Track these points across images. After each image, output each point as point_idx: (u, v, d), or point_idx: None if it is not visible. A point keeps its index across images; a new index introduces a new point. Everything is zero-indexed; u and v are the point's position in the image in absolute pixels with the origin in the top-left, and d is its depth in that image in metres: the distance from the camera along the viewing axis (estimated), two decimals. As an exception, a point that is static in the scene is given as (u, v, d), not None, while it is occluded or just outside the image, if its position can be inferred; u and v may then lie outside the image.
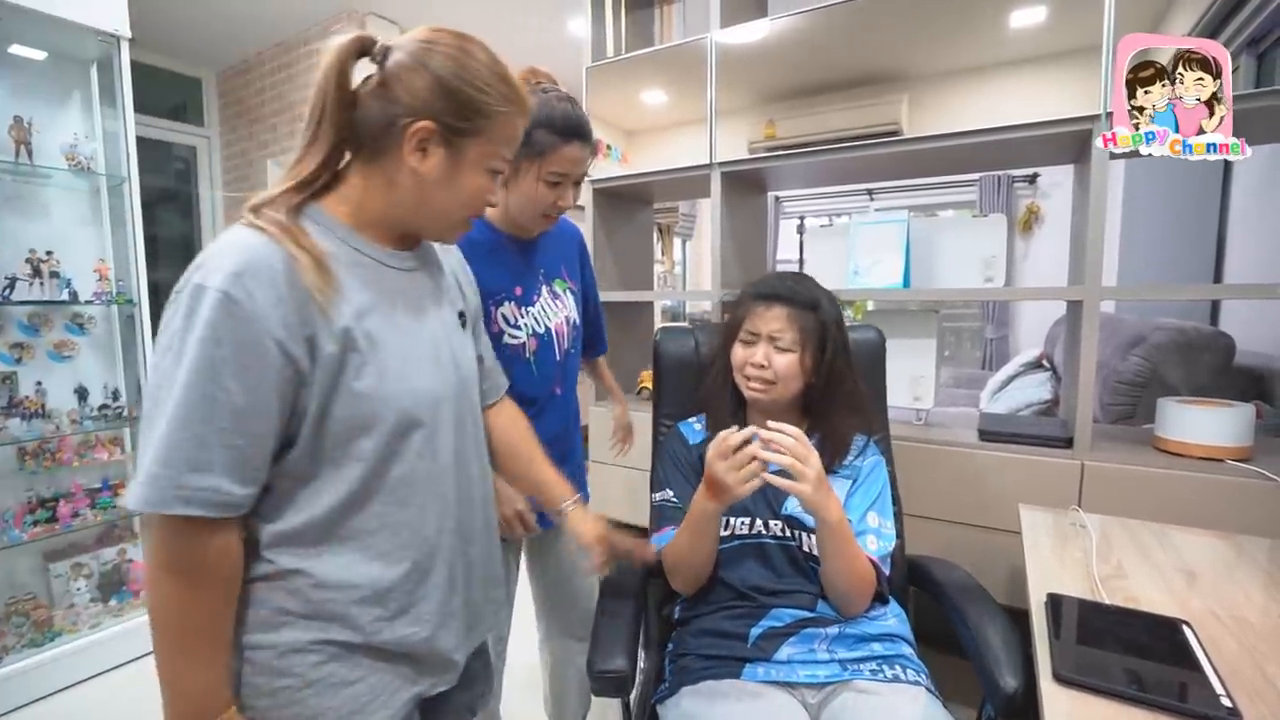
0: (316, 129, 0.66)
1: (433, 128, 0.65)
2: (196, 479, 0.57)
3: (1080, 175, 1.50)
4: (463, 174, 0.69)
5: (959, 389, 4.08)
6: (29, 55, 1.85)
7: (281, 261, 0.60)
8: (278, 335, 0.59)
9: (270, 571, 0.64)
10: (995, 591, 1.35)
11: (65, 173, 1.85)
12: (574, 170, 1.04)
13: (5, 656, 1.74)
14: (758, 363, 1.03)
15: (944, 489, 1.45)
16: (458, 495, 0.76)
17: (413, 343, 0.70)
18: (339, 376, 0.63)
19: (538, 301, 1.13)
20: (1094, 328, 1.30)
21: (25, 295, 1.79)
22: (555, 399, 1.17)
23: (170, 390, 0.57)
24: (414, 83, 0.65)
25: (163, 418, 0.57)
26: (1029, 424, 1.51)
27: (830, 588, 0.98)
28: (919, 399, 1.59)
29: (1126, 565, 0.91)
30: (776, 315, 1.04)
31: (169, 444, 0.56)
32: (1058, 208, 4.03)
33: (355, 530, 0.67)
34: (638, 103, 1.93)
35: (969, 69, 1.44)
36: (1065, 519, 1.11)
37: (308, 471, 0.65)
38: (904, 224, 1.59)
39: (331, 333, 0.62)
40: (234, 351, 0.57)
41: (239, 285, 0.57)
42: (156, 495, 0.56)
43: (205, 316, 0.57)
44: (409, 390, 0.68)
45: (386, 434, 0.67)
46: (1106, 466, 1.28)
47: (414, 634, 0.71)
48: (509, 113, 0.69)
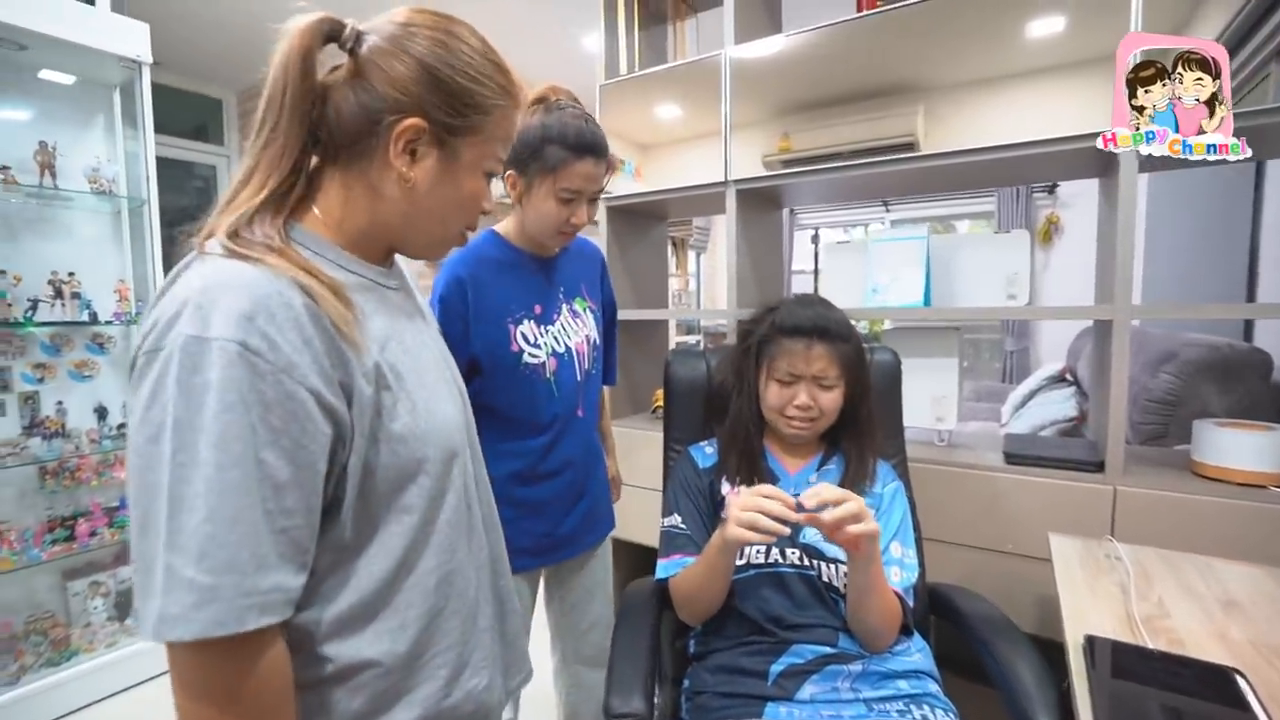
0: (275, 127, 0.54)
1: (423, 126, 0.56)
2: (262, 579, 0.46)
3: (1107, 189, 1.46)
4: (458, 178, 0.60)
5: (979, 403, 4.00)
6: (58, 79, 1.89)
7: (297, 294, 0.49)
8: (312, 385, 0.48)
9: (331, 672, 0.53)
10: (1022, 621, 1.30)
11: (87, 195, 1.88)
12: (588, 187, 1.03)
13: (24, 675, 1.75)
14: (804, 404, 1.00)
15: (967, 513, 1.40)
16: (486, 523, 0.71)
17: (428, 369, 0.63)
18: (377, 420, 0.54)
19: (558, 320, 1.12)
20: (1125, 348, 1.25)
21: (47, 316, 1.81)
22: (577, 421, 1.15)
23: (195, 479, 0.45)
24: (396, 72, 0.55)
25: (195, 515, 0.44)
26: (1056, 446, 1.46)
27: (859, 623, 0.95)
28: (941, 419, 1.55)
29: (1168, 602, 0.86)
30: (820, 355, 1.00)
31: (218, 544, 0.44)
32: (1078, 218, 3.97)
33: (410, 592, 0.58)
34: (652, 117, 1.92)
35: (986, 80, 1.41)
36: (1099, 549, 1.06)
37: (355, 540, 0.55)
38: (924, 241, 1.56)
39: (364, 370, 0.53)
40: (264, 414, 0.46)
41: (255, 331, 0.46)
42: (225, 611, 0.44)
43: (219, 376, 0.45)
44: (441, 422, 0.61)
45: (434, 476, 0.59)
46: (1141, 492, 1.23)
47: (477, 685, 0.64)
48: (506, 106, 0.61)
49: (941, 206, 4.62)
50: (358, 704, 0.55)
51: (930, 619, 1.15)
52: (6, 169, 1.73)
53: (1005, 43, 1.38)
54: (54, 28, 1.69)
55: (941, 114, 1.45)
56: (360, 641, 0.55)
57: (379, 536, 0.56)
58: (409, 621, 0.58)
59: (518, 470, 1.09)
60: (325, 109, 0.57)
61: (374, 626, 0.56)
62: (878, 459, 1.08)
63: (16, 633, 1.81)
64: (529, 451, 1.09)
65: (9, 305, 1.76)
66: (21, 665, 1.76)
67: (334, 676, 0.54)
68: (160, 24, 2.80)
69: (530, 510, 1.10)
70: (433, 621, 0.60)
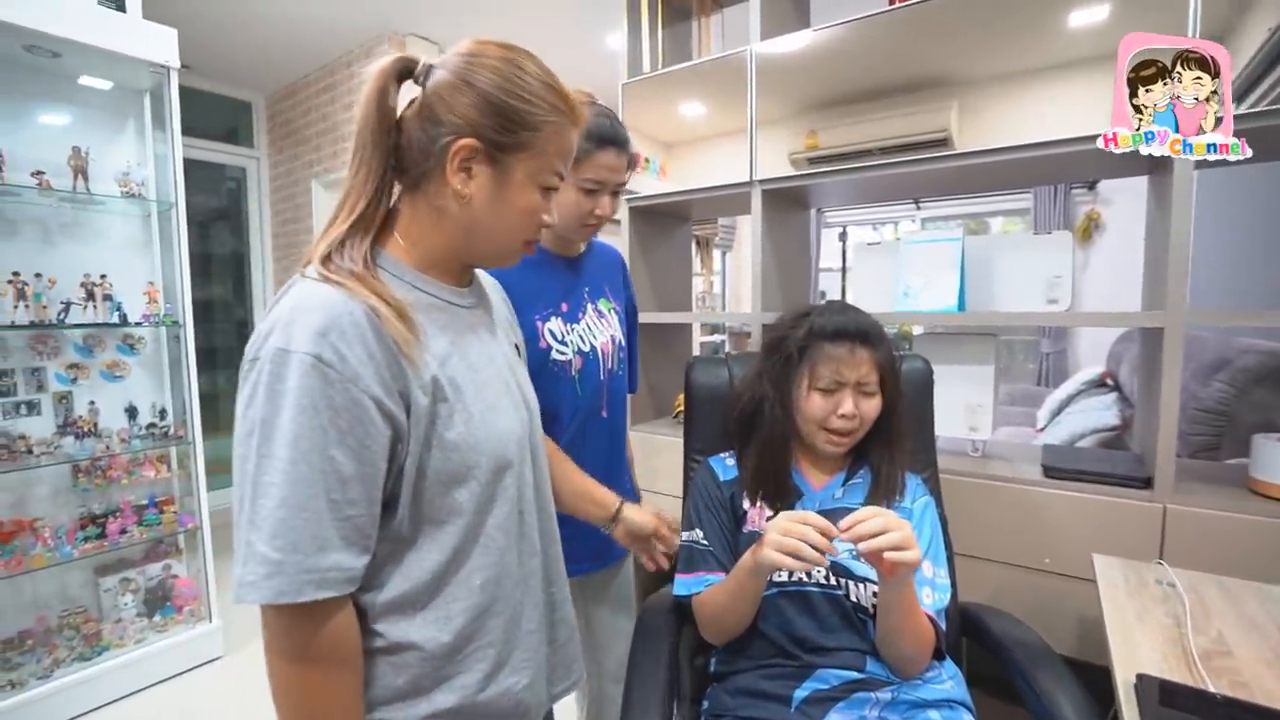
0: (361, 159, 0.62)
1: (475, 145, 0.61)
2: (322, 559, 0.54)
3: (1157, 187, 1.38)
4: (511, 193, 0.64)
5: (1013, 406, 3.87)
6: (95, 85, 1.93)
7: (364, 315, 0.56)
8: (375, 394, 0.56)
9: (381, 646, 0.61)
10: (1061, 643, 1.24)
11: (118, 199, 1.91)
12: (610, 178, 1.03)
13: (56, 669, 1.79)
14: (849, 414, 0.95)
15: (1003, 529, 1.34)
16: (542, 531, 0.74)
17: (489, 384, 0.68)
18: (431, 428, 0.61)
19: (583, 319, 1.11)
20: (1177, 358, 1.17)
21: (79, 318, 1.85)
22: (601, 422, 1.13)
23: (272, 470, 0.53)
24: (456, 101, 0.61)
25: (270, 500, 0.53)
26: (1099, 459, 1.38)
27: (889, 647, 0.90)
28: (975, 429, 1.48)
29: (1229, 637, 0.80)
30: (863, 359, 0.96)
31: (287, 527, 0.53)
32: (1121, 215, 3.81)
33: (458, 587, 0.64)
34: (676, 115, 1.88)
35: (1024, 72, 1.34)
36: (1148, 574, 0.99)
37: (409, 534, 0.62)
38: (958, 243, 1.49)
39: (422, 384, 0.60)
40: (333, 418, 0.54)
41: (327, 346, 0.54)
42: (288, 584, 0.52)
43: (296, 384, 0.53)
44: (496, 434, 0.66)
45: (482, 483, 0.64)
46: (1193, 512, 1.15)
47: (515, 683, 0.68)
48: (558, 123, 0.65)
49: (974, 204, 4.48)
50: (401, 681, 0.61)
51: (962, 641, 1.10)
52: (41, 174, 1.77)
53: (1044, 34, 1.30)
54: (86, 34, 1.72)
55: (977, 109, 1.39)
56: (409, 626, 0.61)
57: (431, 533, 0.62)
58: (454, 614, 0.63)
59: None
60: (401, 140, 0.63)
61: (422, 615, 0.62)
62: (906, 472, 1.03)
63: (51, 627, 1.86)
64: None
65: (44, 307, 1.80)
66: (55, 659, 1.80)
67: (382, 651, 0.61)
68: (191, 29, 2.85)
69: None
70: (476, 618, 0.64)
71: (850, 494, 1.01)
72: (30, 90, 1.82)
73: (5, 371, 1.80)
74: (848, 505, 0.98)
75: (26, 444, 1.77)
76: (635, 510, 1.02)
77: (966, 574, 1.28)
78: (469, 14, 3.00)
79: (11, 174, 1.73)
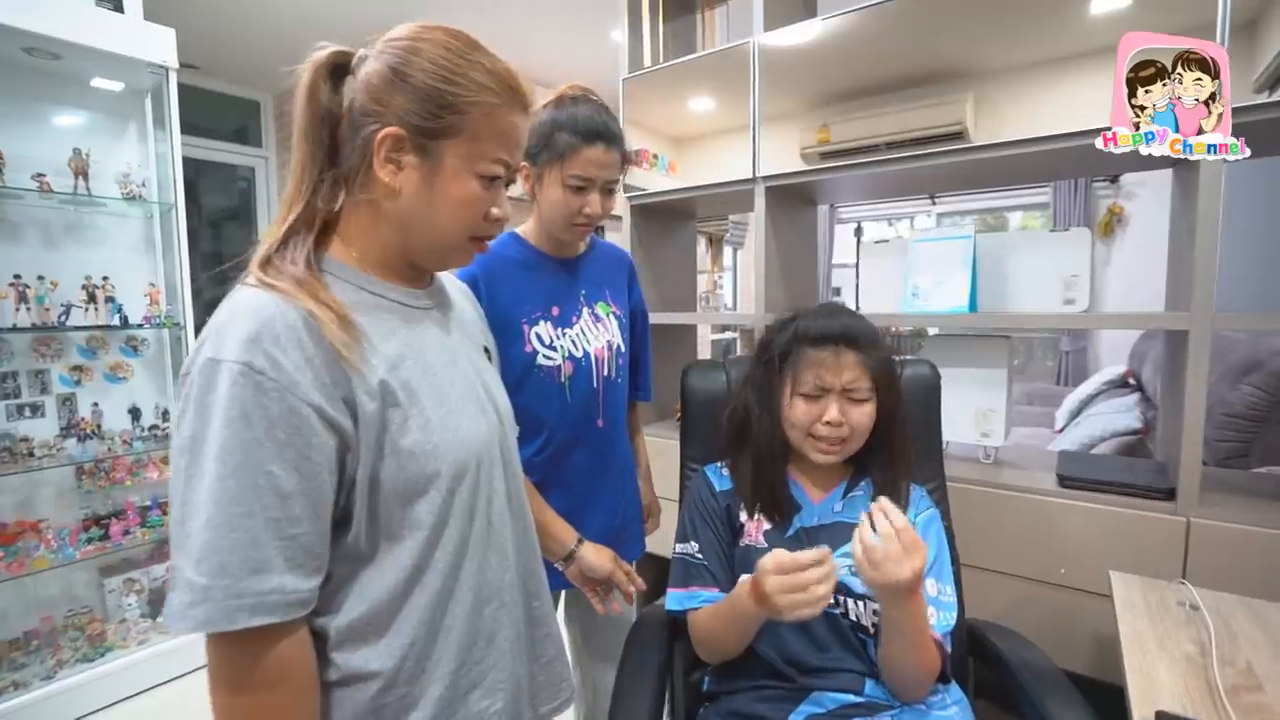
0: (297, 159, 0.60)
1: (399, 133, 0.57)
2: (258, 582, 0.49)
3: (1183, 182, 1.31)
4: (443, 183, 0.60)
5: (1030, 406, 3.78)
6: (96, 86, 1.92)
7: (300, 319, 0.53)
8: (314, 401, 0.52)
9: (337, 678, 0.57)
10: (1075, 660, 1.18)
11: (119, 200, 1.91)
12: (599, 175, 0.98)
13: (60, 670, 1.80)
14: (835, 420, 0.89)
15: (1014, 540, 1.28)
16: (516, 543, 0.70)
17: (450, 387, 0.64)
18: (383, 436, 0.57)
19: (576, 323, 1.07)
20: (1203, 362, 1.11)
21: (80, 320, 1.85)
22: (596, 432, 1.09)
23: (201, 489, 0.49)
24: (380, 89, 0.58)
25: (197, 521, 0.49)
26: (1119, 468, 1.32)
27: (891, 670, 0.85)
28: (987, 435, 1.42)
29: (1259, 669, 0.74)
30: (850, 364, 0.90)
31: (213, 549, 0.49)
32: (1144, 209, 3.69)
33: (419, 606, 0.59)
34: (684, 110, 1.83)
35: (1042, 62, 1.27)
36: (1170, 594, 0.93)
37: (367, 551, 0.58)
38: (969, 240, 1.43)
39: (368, 389, 0.56)
40: (268, 429, 0.50)
41: (259, 352, 0.50)
42: (216, 611, 0.48)
43: (225, 395, 0.49)
44: (457, 440, 0.62)
45: (443, 492, 0.60)
46: (1219, 526, 1.08)
47: (488, 707, 0.64)
48: (490, 104, 0.60)
49: (992, 198, 4.37)
50: (363, 713, 0.57)
51: (969, 662, 1.05)
52: (42, 176, 1.76)
53: (1064, 21, 1.24)
54: (84, 36, 1.71)
55: (993, 100, 1.33)
56: (370, 652, 0.57)
57: (390, 549, 0.58)
58: (418, 637, 0.59)
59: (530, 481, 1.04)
60: (336, 135, 0.60)
61: (385, 640, 0.58)
62: (910, 483, 0.98)
63: (57, 627, 1.87)
64: (539, 461, 1.05)
65: (46, 310, 1.80)
66: (59, 660, 1.81)
67: (340, 683, 0.56)
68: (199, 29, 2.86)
69: None
70: (442, 638, 0.61)
71: (850, 507, 0.96)
72: (31, 92, 1.82)
73: (9, 374, 1.80)
74: (847, 520, 0.93)
75: (29, 446, 1.77)
76: (593, 551, 0.99)
77: (976, 587, 1.22)
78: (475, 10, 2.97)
79: (12, 176, 1.73)
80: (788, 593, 0.74)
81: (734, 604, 0.86)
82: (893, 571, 0.73)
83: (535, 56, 3.38)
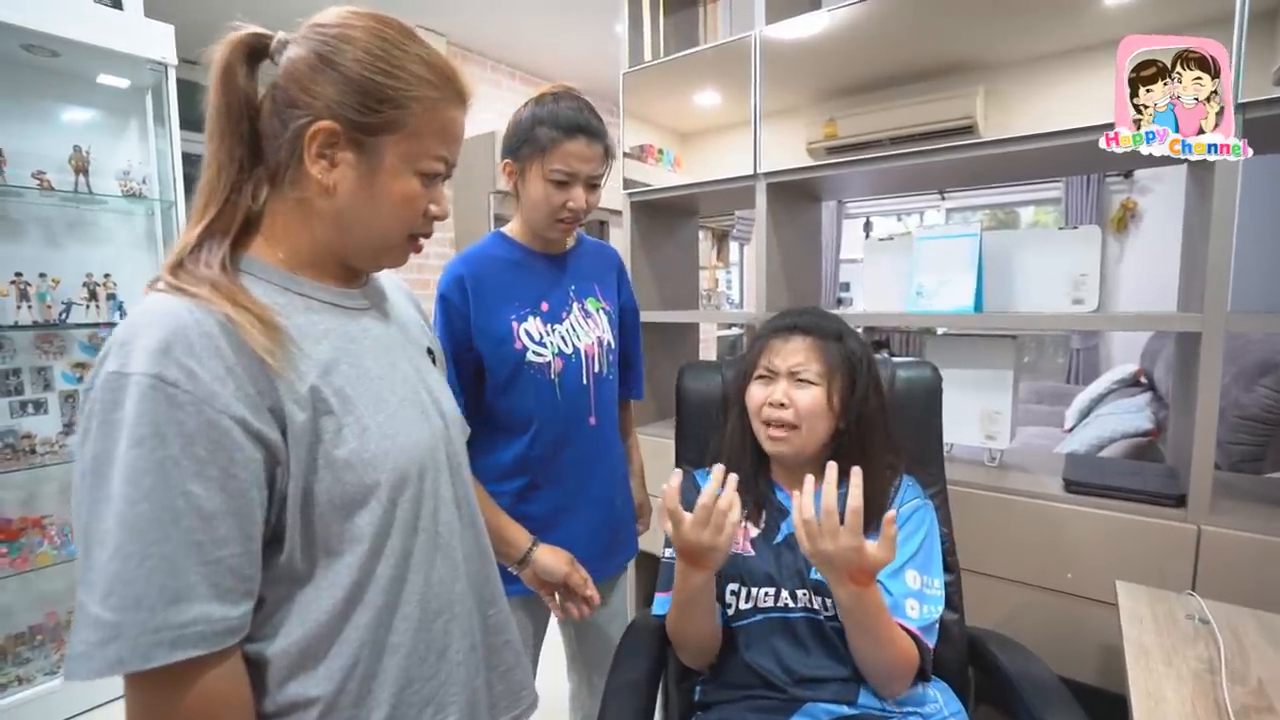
0: (211, 153, 0.55)
1: (333, 127, 0.54)
2: (177, 613, 0.45)
3: (1198, 179, 1.27)
4: (383, 180, 0.57)
5: (1040, 405, 3.73)
6: (96, 83, 1.92)
7: (217, 325, 0.49)
8: (236, 414, 0.48)
9: (275, 710, 0.53)
10: (1080, 669, 1.15)
11: (119, 198, 1.91)
12: (581, 168, 0.97)
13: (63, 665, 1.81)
14: (776, 401, 0.90)
15: (1019, 546, 1.25)
16: (467, 551, 0.67)
17: (389, 392, 0.60)
18: (316, 447, 0.53)
19: (566, 319, 1.06)
20: (1216, 365, 1.07)
21: (81, 318, 1.85)
22: (588, 430, 1.08)
23: (108, 515, 0.44)
24: (311, 79, 0.54)
25: (105, 551, 0.44)
26: (1127, 472, 1.28)
27: (860, 663, 0.85)
28: (992, 438, 1.39)
29: (1271, 688, 0.71)
30: (796, 348, 0.91)
31: (123, 580, 0.44)
32: (1158, 204, 3.61)
33: (361, 626, 0.56)
34: (690, 105, 1.80)
35: (1055, 54, 1.23)
36: (1178, 607, 0.91)
37: (304, 570, 0.54)
38: (975, 238, 1.40)
39: (297, 397, 0.52)
40: (185, 446, 0.46)
41: (171, 363, 0.46)
42: (129, 649, 0.44)
43: (135, 411, 0.45)
44: (398, 447, 0.58)
45: (383, 503, 0.57)
46: (1232, 534, 1.05)
47: None
48: (432, 99, 0.57)
49: (1002, 193, 4.30)
50: None
51: (970, 672, 1.02)
52: (43, 173, 1.76)
53: (1078, 12, 1.20)
54: (83, 33, 1.70)
55: (1004, 94, 1.29)
56: (309, 679, 0.54)
57: (329, 566, 0.55)
58: (361, 657, 0.56)
59: (520, 482, 1.04)
60: (260, 127, 0.56)
61: (325, 664, 0.54)
62: (898, 477, 0.96)
63: (60, 622, 1.88)
64: (530, 460, 1.03)
65: (48, 307, 1.81)
66: (62, 655, 1.82)
67: (277, 713, 0.53)
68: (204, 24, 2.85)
69: (536, 527, 1.03)
70: (388, 656, 0.58)
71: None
72: (31, 90, 1.82)
73: (12, 371, 1.81)
74: None
75: (31, 443, 1.78)
76: (548, 553, 0.98)
77: (979, 593, 1.20)
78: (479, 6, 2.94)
79: (13, 174, 1.73)
80: (701, 528, 0.76)
81: (680, 582, 0.86)
82: (825, 545, 0.74)
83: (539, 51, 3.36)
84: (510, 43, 3.31)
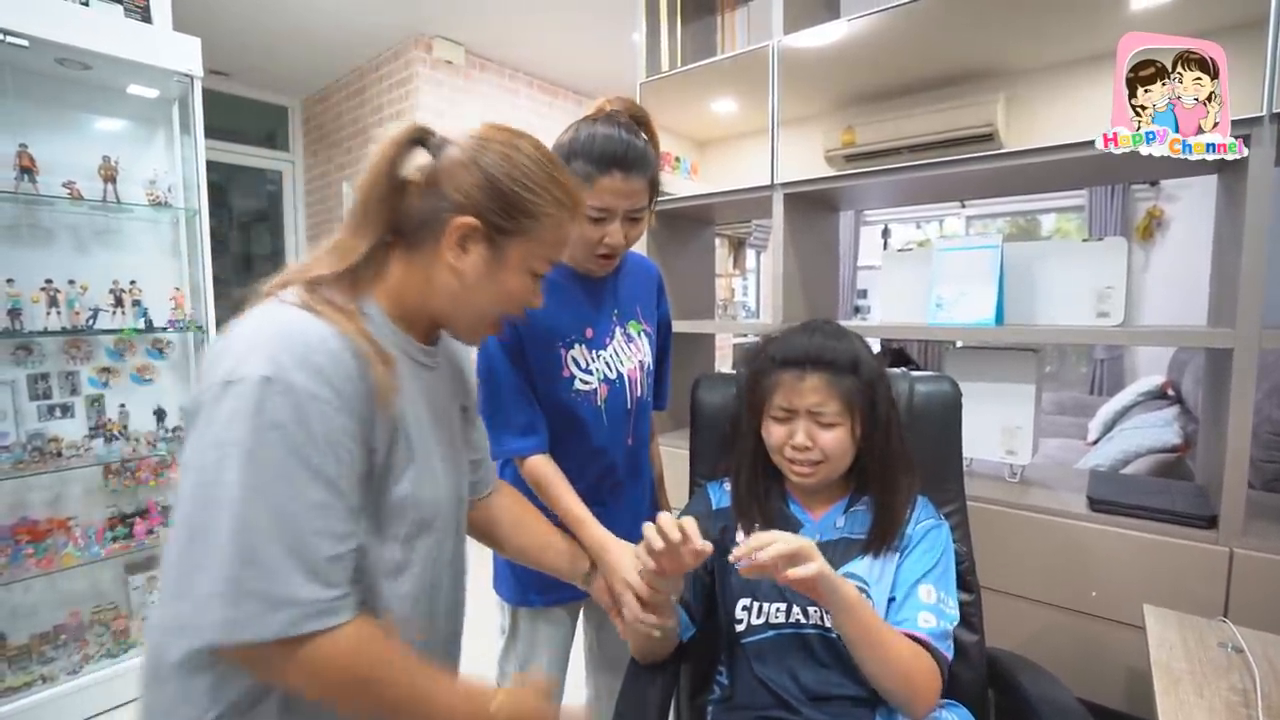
0: (364, 215, 0.63)
1: (476, 225, 0.63)
2: (316, 589, 0.52)
3: (1228, 188, 1.23)
4: (503, 274, 0.66)
5: (1063, 416, 3.65)
6: (126, 95, 1.97)
7: (349, 352, 0.56)
8: (353, 429, 0.56)
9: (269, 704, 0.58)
10: (1105, 694, 1.12)
11: (146, 206, 1.95)
12: (618, 204, 0.93)
13: (86, 665, 1.85)
14: (800, 445, 0.88)
15: (1041, 565, 1.22)
16: (447, 607, 0.73)
17: (436, 446, 0.68)
18: (384, 480, 0.61)
19: (610, 345, 1.04)
20: (1249, 382, 1.04)
21: (107, 324, 1.90)
22: (625, 449, 1.08)
23: (257, 502, 0.51)
24: (463, 179, 0.63)
25: (227, 532, 0.50)
26: (1155, 490, 1.25)
27: (876, 685, 0.82)
28: (1013, 453, 1.36)
29: (1306, 723, 0.68)
30: (814, 386, 0.88)
31: (262, 556, 0.50)
32: (1186, 212, 3.53)
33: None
34: (707, 113, 1.80)
35: (1077, 60, 1.21)
36: (1210, 634, 0.87)
37: None
38: (997, 250, 1.37)
39: (384, 429, 0.60)
40: (308, 445, 0.53)
41: (309, 373, 0.53)
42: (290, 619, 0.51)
43: (271, 411, 0.51)
44: (432, 497, 0.66)
45: (401, 541, 0.63)
46: (1267, 559, 1.01)
47: None
48: (558, 216, 0.67)
49: (1024, 201, 4.24)
50: None
51: (989, 695, 1.00)
52: (72, 182, 1.81)
53: (1101, 17, 1.18)
54: (114, 47, 1.75)
55: (1026, 101, 1.27)
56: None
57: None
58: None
59: None
60: (403, 201, 0.64)
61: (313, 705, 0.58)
62: (914, 497, 0.94)
63: (84, 622, 1.91)
64: (579, 489, 1.01)
65: (77, 313, 1.85)
66: (85, 654, 1.85)
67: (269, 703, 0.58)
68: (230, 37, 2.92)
69: None
70: None
71: (852, 522, 0.93)
72: (62, 102, 1.87)
73: (41, 375, 1.85)
74: (850, 535, 0.91)
75: (58, 446, 1.82)
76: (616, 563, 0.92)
77: (998, 613, 1.17)
78: (497, 15, 2.97)
79: (44, 183, 1.78)
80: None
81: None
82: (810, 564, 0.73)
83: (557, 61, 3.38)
84: (528, 52, 3.33)
